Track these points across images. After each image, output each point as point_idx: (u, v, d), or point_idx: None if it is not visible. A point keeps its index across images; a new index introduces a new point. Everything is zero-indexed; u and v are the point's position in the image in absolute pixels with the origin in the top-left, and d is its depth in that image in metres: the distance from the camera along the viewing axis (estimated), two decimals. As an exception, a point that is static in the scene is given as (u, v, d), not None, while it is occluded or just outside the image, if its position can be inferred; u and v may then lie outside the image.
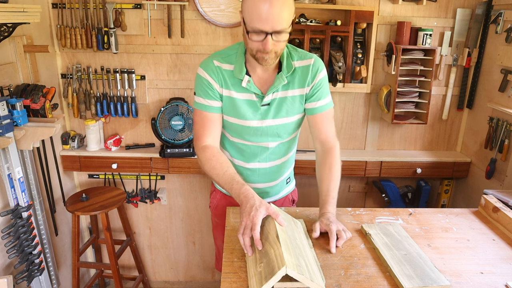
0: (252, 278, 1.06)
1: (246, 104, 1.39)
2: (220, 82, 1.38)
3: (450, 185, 2.57)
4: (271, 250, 1.09)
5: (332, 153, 1.43)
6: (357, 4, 2.26)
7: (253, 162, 1.52)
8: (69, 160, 2.38)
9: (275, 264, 1.02)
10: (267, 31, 1.18)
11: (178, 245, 2.80)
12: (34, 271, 1.95)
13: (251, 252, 1.14)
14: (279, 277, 0.99)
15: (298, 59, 1.39)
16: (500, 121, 2.14)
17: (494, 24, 2.21)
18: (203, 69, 1.38)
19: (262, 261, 1.08)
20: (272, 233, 1.14)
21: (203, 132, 1.41)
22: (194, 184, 2.63)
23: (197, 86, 1.41)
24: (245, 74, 1.35)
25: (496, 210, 1.45)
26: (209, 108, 1.40)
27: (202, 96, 1.40)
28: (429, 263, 1.16)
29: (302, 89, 1.40)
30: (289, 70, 1.36)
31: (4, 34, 1.73)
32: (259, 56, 1.25)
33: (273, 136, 1.46)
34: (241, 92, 1.38)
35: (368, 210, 1.52)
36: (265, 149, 1.49)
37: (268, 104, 1.39)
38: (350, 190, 2.67)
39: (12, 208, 1.85)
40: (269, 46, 1.21)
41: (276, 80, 1.36)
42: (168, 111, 2.26)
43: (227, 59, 1.38)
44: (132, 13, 2.24)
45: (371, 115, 2.51)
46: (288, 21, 1.20)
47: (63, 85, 2.35)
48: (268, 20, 1.16)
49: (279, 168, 1.56)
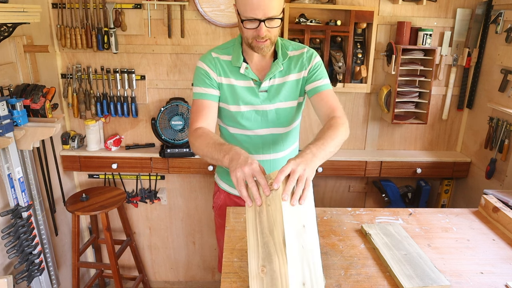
0: (254, 279, 1.02)
1: (245, 90, 1.44)
2: (218, 71, 1.44)
3: (450, 185, 2.57)
4: (275, 257, 0.98)
5: (338, 119, 1.30)
6: (357, 4, 2.26)
7: (256, 154, 1.54)
8: (69, 160, 2.37)
9: (279, 283, 0.96)
10: (260, 18, 1.26)
11: (178, 245, 2.80)
12: (34, 271, 1.95)
13: (259, 201, 1.03)
14: None
15: (292, 49, 1.47)
16: (500, 121, 2.14)
17: (494, 24, 2.21)
18: (201, 61, 1.45)
19: (265, 266, 1.00)
20: (278, 230, 1.00)
21: (197, 118, 1.39)
22: (194, 184, 2.63)
23: (195, 77, 1.46)
24: (242, 62, 1.42)
25: (496, 210, 1.45)
26: (205, 96, 1.43)
27: (199, 85, 1.44)
28: (429, 263, 1.16)
29: (299, 73, 1.46)
30: (285, 58, 1.43)
31: (4, 34, 1.73)
32: (255, 44, 1.32)
33: (273, 122, 1.49)
34: (239, 79, 1.44)
35: (368, 210, 1.52)
36: (266, 140, 1.52)
37: (266, 90, 1.45)
38: (350, 190, 2.67)
39: (12, 208, 1.85)
40: (263, 32, 1.28)
41: (273, 66, 1.42)
42: (168, 111, 2.26)
43: (225, 51, 1.46)
44: (132, 13, 2.24)
45: (371, 115, 2.51)
46: (279, 8, 1.28)
47: (63, 85, 2.35)
48: (260, 7, 1.23)
49: (282, 160, 1.57)
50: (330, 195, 2.67)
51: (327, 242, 1.30)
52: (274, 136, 1.53)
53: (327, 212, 1.51)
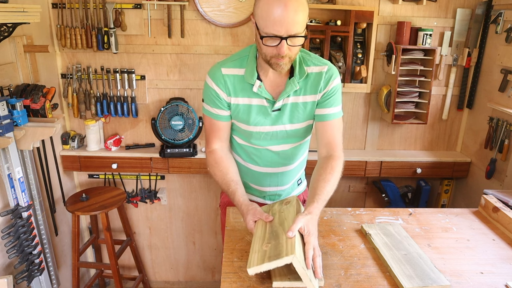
0: (255, 253, 1.08)
1: (257, 109, 1.37)
2: (228, 91, 1.36)
3: (450, 185, 2.57)
4: (283, 236, 1.10)
5: (336, 160, 1.35)
6: (357, 4, 2.26)
7: (266, 167, 1.51)
8: (69, 160, 2.37)
9: (284, 249, 1.03)
10: (282, 36, 1.15)
11: (178, 245, 2.80)
12: (34, 271, 1.95)
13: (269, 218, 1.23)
14: (283, 263, 1.01)
15: (312, 64, 1.35)
16: (500, 121, 2.14)
17: (494, 24, 2.21)
18: (211, 78, 1.37)
19: (270, 242, 1.10)
20: (289, 221, 1.16)
21: (211, 137, 1.45)
22: (194, 184, 2.63)
23: (205, 94, 1.42)
24: (256, 79, 1.32)
25: (496, 210, 1.45)
26: (216, 117, 1.41)
27: (210, 105, 1.41)
28: (429, 263, 1.16)
29: (315, 96, 1.36)
30: (301, 76, 1.32)
31: (4, 34, 1.73)
32: (273, 61, 1.22)
33: (283, 140, 1.44)
34: (251, 97, 1.36)
35: (368, 210, 1.52)
36: (276, 154, 1.48)
37: (279, 109, 1.37)
38: (350, 190, 2.67)
39: (12, 208, 1.85)
40: (284, 51, 1.17)
41: (288, 85, 1.32)
42: (168, 111, 2.26)
43: (237, 63, 1.36)
44: (132, 13, 2.24)
45: (371, 115, 2.51)
46: (303, 24, 1.17)
47: (63, 85, 2.35)
48: (282, 24, 1.13)
49: (291, 172, 1.56)
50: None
51: (327, 242, 1.30)
52: (284, 151, 1.48)
53: (327, 212, 1.51)
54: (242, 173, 1.56)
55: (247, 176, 1.56)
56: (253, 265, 1.03)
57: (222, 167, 1.38)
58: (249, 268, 1.04)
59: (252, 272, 1.03)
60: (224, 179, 1.36)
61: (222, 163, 1.40)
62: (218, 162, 1.40)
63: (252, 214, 1.22)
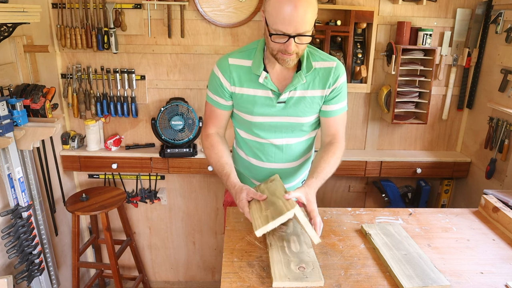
0: (258, 219, 1.14)
1: (262, 100, 1.39)
2: (232, 80, 1.39)
3: (450, 185, 2.57)
4: (279, 201, 1.16)
5: (338, 147, 1.44)
6: (357, 4, 2.26)
7: (269, 163, 1.52)
8: (69, 160, 2.37)
9: (284, 208, 1.10)
10: (290, 34, 1.17)
11: (178, 245, 2.80)
12: (34, 271, 1.95)
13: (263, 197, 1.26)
14: (287, 217, 1.07)
15: (319, 59, 1.38)
16: (500, 121, 2.14)
17: (494, 24, 2.21)
18: (218, 67, 1.42)
19: (269, 208, 1.16)
20: (280, 190, 1.24)
21: (209, 122, 1.51)
22: (194, 184, 2.63)
23: (210, 81, 1.47)
24: (262, 70, 1.34)
25: (496, 210, 1.45)
26: (217, 104, 1.47)
27: (212, 92, 1.46)
28: (429, 263, 1.16)
29: (323, 91, 1.39)
30: (308, 70, 1.35)
31: (4, 34, 1.73)
32: (280, 57, 1.25)
33: (287, 133, 1.46)
34: (257, 88, 1.38)
35: (368, 210, 1.52)
36: (280, 149, 1.49)
37: (284, 102, 1.39)
38: (350, 190, 2.67)
39: (12, 208, 1.85)
40: (291, 48, 1.20)
41: (295, 78, 1.34)
42: (168, 111, 2.26)
43: (245, 54, 1.39)
44: (132, 13, 2.24)
45: (371, 115, 2.51)
46: (312, 23, 1.19)
47: (63, 85, 2.35)
48: (291, 23, 1.15)
49: (294, 171, 1.56)
50: (330, 195, 2.67)
51: (327, 242, 1.30)
52: (287, 146, 1.48)
53: (327, 212, 1.51)
54: (245, 168, 1.58)
55: (250, 171, 1.57)
56: (259, 227, 1.10)
57: (218, 150, 1.44)
58: (256, 230, 1.10)
59: (260, 233, 1.10)
60: (219, 161, 1.41)
61: (218, 146, 1.46)
62: (214, 146, 1.46)
63: (246, 193, 1.26)
